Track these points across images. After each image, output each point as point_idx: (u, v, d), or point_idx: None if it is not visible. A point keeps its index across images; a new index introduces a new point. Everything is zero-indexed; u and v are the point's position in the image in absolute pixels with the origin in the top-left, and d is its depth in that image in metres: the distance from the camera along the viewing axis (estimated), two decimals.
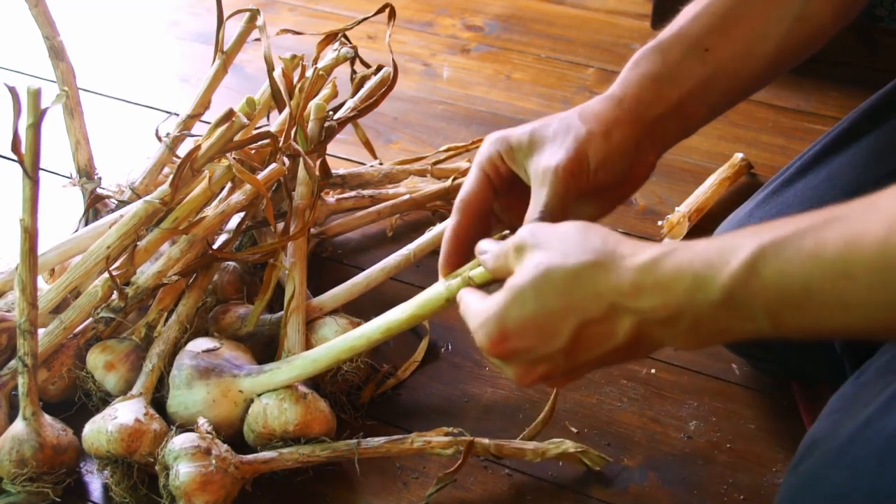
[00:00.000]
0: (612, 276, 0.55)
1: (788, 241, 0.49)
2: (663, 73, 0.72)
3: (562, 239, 0.59)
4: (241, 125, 0.90)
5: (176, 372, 0.88)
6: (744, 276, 0.50)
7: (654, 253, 0.54)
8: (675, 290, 0.53)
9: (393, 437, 0.85)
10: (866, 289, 0.47)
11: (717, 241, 0.52)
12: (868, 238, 0.46)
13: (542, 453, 0.87)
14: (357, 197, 1.15)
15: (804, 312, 0.49)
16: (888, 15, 1.51)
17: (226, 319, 0.95)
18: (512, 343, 0.59)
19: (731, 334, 0.54)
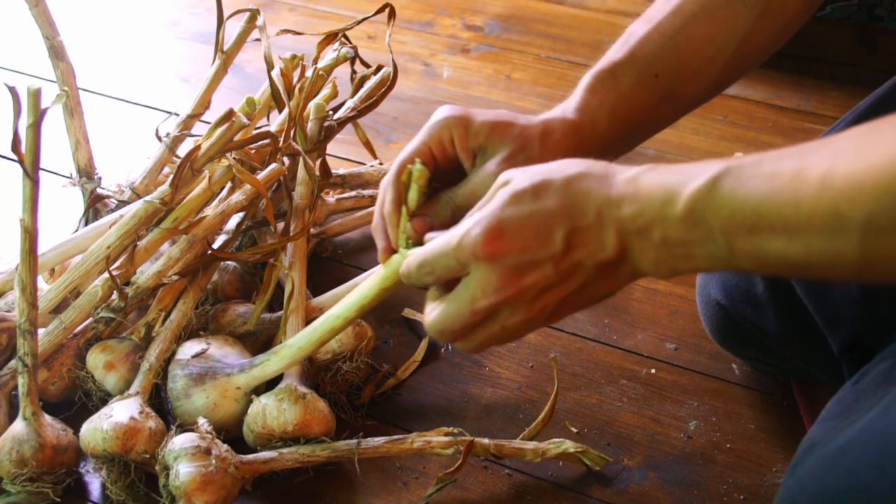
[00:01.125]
0: (603, 185, 0.58)
1: (750, 166, 0.52)
2: (617, 103, 0.73)
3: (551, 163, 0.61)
4: (241, 125, 0.90)
5: (171, 384, 0.88)
6: (704, 192, 0.53)
7: (637, 169, 0.58)
8: (650, 199, 0.56)
9: (393, 437, 0.85)
10: (807, 217, 0.49)
11: (693, 163, 0.55)
12: (813, 169, 0.49)
13: (542, 453, 0.87)
14: (357, 197, 1.15)
15: (753, 236, 0.52)
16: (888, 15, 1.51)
17: (225, 318, 0.95)
18: (507, 240, 0.59)
19: (696, 259, 0.56)
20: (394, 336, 1.03)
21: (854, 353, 0.78)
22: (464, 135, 0.72)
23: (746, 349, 0.96)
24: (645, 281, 1.10)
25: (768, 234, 0.51)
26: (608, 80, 0.74)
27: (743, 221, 0.52)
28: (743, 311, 0.88)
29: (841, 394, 0.67)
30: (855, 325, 0.78)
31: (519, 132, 0.71)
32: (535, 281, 0.60)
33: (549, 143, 0.71)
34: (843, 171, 0.48)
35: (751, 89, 1.48)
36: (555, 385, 0.90)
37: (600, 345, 1.03)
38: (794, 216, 0.50)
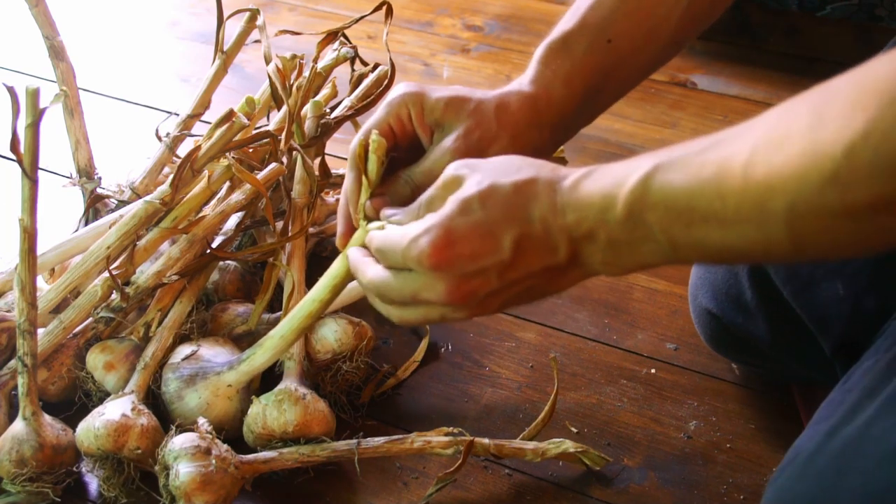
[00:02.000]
0: (549, 192, 0.58)
1: (679, 160, 0.53)
2: (571, 71, 0.73)
3: (500, 163, 0.61)
4: (242, 125, 0.90)
5: (165, 388, 0.88)
6: (639, 192, 0.54)
7: (578, 174, 0.58)
8: (591, 205, 0.57)
9: (393, 437, 0.85)
10: (734, 208, 0.50)
11: (628, 161, 0.56)
12: (735, 160, 0.50)
13: (542, 453, 0.87)
14: None
15: (690, 229, 0.53)
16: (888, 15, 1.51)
17: (224, 317, 0.95)
18: (456, 249, 0.59)
19: (643, 256, 0.57)
20: (393, 336, 1.03)
21: (846, 352, 0.78)
22: (420, 111, 0.72)
23: (741, 355, 0.96)
24: (645, 281, 1.10)
25: (703, 226, 0.52)
26: (561, 51, 0.74)
27: (678, 216, 0.53)
28: (734, 319, 0.88)
29: (830, 397, 0.67)
30: (844, 324, 0.78)
31: (474, 107, 0.71)
32: (479, 287, 0.61)
33: (504, 117, 0.71)
34: (761, 162, 0.48)
35: (751, 89, 1.48)
36: (555, 385, 0.90)
37: (600, 345, 1.03)
38: (723, 208, 0.50)
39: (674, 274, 1.11)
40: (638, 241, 0.56)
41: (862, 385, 0.61)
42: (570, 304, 1.07)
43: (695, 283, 0.93)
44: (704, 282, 0.91)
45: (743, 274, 0.84)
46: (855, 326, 0.76)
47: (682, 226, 0.53)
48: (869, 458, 0.53)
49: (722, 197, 0.50)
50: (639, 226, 0.55)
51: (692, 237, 0.53)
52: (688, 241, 0.54)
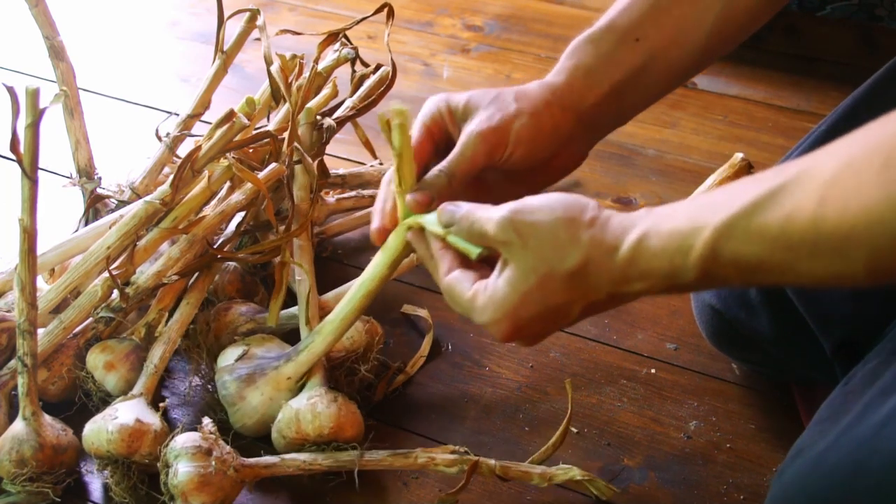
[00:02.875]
0: (605, 272, 0.60)
1: (738, 221, 0.54)
2: (595, 65, 0.75)
3: (548, 237, 0.62)
4: (242, 126, 0.90)
5: (224, 392, 0.88)
6: (709, 260, 0.56)
7: (631, 242, 0.59)
8: (657, 276, 0.59)
9: (396, 451, 0.85)
10: (808, 258, 0.52)
11: (681, 221, 0.57)
12: (802, 212, 0.51)
13: (549, 478, 0.85)
14: (357, 197, 1.15)
15: (764, 276, 0.55)
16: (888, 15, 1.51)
17: (227, 317, 0.95)
18: (524, 332, 0.65)
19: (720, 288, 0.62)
20: (393, 335, 1.03)
21: (846, 353, 0.78)
22: (447, 110, 0.75)
23: (743, 352, 0.96)
24: None
25: (779, 275, 0.55)
26: (586, 46, 0.75)
27: (753, 271, 0.55)
28: (737, 315, 0.88)
29: (831, 397, 0.68)
30: (846, 325, 0.78)
31: (494, 96, 0.74)
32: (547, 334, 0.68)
33: (523, 98, 0.74)
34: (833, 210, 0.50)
35: (751, 89, 1.48)
36: (568, 408, 0.87)
37: (600, 345, 1.03)
38: (797, 260, 0.52)
39: None
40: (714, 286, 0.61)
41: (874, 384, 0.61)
42: None
43: None
44: None
45: None
46: (856, 327, 0.76)
47: (756, 274, 0.55)
48: (885, 457, 0.54)
49: (791, 249, 0.52)
50: (714, 280, 0.57)
51: (766, 280, 0.56)
52: (763, 282, 0.57)
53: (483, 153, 0.72)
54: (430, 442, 0.92)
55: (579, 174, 1.29)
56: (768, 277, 0.55)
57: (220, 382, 0.89)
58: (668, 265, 0.58)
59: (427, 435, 0.92)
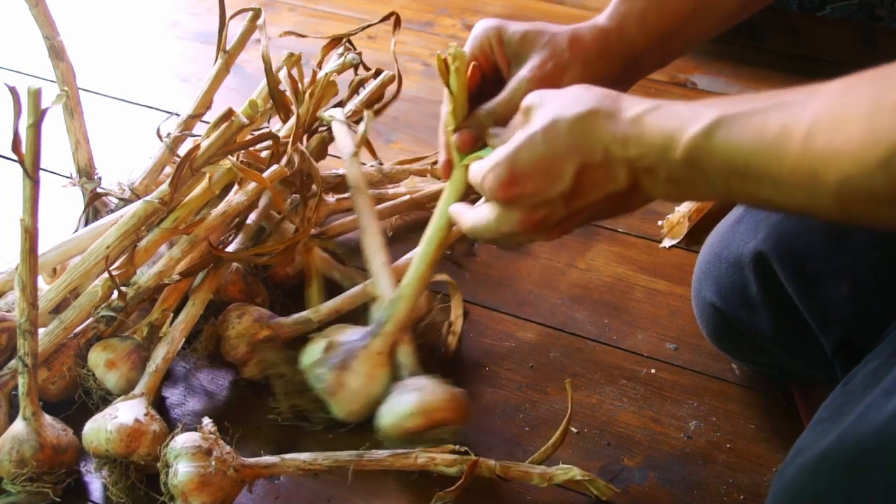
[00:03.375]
0: (610, 125, 0.61)
1: (741, 117, 0.55)
2: (648, 11, 0.77)
3: (567, 94, 0.64)
4: (241, 125, 0.90)
5: (322, 386, 0.88)
6: (700, 140, 0.56)
7: (642, 108, 0.60)
8: (652, 144, 0.59)
9: (396, 451, 0.84)
10: (790, 171, 0.52)
11: (693, 106, 0.58)
12: (797, 127, 0.52)
13: (549, 478, 0.85)
14: None
15: (745, 182, 0.55)
16: (888, 15, 1.51)
17: (241, 325, 0.94)
18: (520, 185, 0.64)
19: (700, 193, 0.60)
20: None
21: (846, 353, 0.78)
22: (500, 43, 0.77)
23: (743, 350, 0.96)
24: (645, 281, 1.10)
25: (758, 182, 0.54)
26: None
27: (735, 169, 0.55)
28: (737, 313, 0.88)
29: (831, 397, 0.68)
30: (846, 324, 0.78)
31: (549, 39, 0.76)
32: (549, 215, 0.66)
33: (577, 48, 0.76)
34: (821, 135, 0.50)
35: (751, 89, 1.48)
36: (568, 409, 0.88)
37: (600, 345, 1.03)
38: (779, 171, 0.53)
39: (674, 274, 1.11)
40: (696, 181, 0.58)
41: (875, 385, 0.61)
42: (570, 304, 1.08)
43: (699, 276, 0.94)
44: (709, 276, 0.91)
45: (748, 268, 0.85)
46: (857, 327, 0.77)
47: (738, 178, 0.55)
48: (887, 456, 0.54)
49: (779, 159, 0.52)
50: (697, 170, 0.57)
51: (746, 189, 0.56)
52: (742, 190, 0.56)
53: None
54: (431, 442, 0.92)
55: None
56: (746, 184, 0.55)
57: (315, 377, 0.89)
58: (662, 137, 0.58)
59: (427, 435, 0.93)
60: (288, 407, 0.91)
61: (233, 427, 0.91)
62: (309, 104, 0.99)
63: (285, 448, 0.90)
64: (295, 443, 0.91)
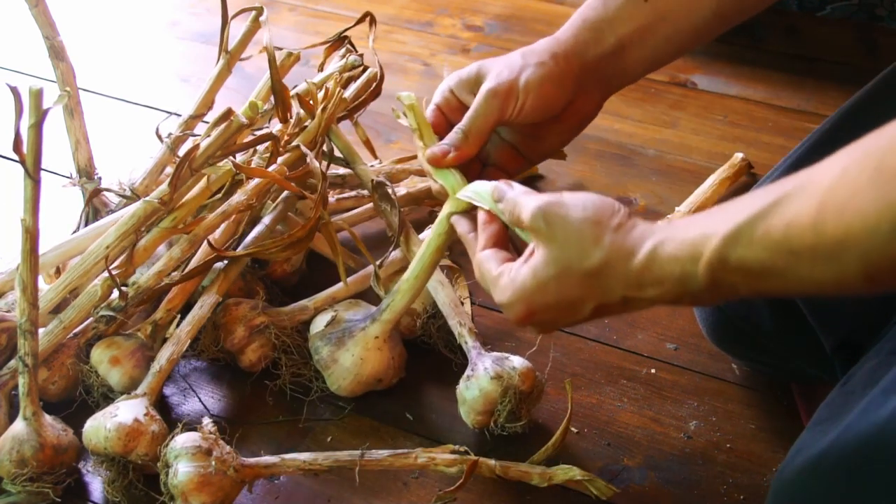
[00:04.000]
0: (621, 275, 0.63)
1: (744, 229, 0.56)
2: (603, 18, 0.79)
3: (574, 235, 0.65)
4: (240, 124, 0.90)
5: (317, 357, 0.92)
6: (717, 266, 0.57)
7: (648, 249, 0.61)
8: (669, 282, 0.61)
9: (397, 451, 0.84)
10: (809, 262, 0.53)
11: (694, 230, 0.59)
12: (803, 218, 0.53)
13: (549, 478, 0.85)
14: (357, 197, 1.15)
15: (770, 282, 0.56)
16: (888, 15, 1.51)
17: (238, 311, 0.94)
18: (536, 318, 0.68)
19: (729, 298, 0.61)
20: None
21: (846, 351, 0.78)
22: (459, 82, 0.82)
23: (743, 349, 0.96)
24: None
25: (782, 281, 0.56)
26: (596, 3, 0.80)
27: (756, 277, 0.57)
28: (738, 311, 0.88)
29: (830, 397, 0.68)
30: (846, 323, 0.78)
31: (502, 59, 0.80)
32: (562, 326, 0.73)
33: (528, 53, 0.79)
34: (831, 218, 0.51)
35: (751, 89, 1.48)
36: (568, 407, 0.88)
37: (600, 345, 1.03)
38: (797, 265, 0.54)
39: None
40: (723, 295, 0.60)
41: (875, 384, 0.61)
42: None
43: None
44: None
45: None
46: (857, 326, 0.77)
47: (762, 281, 0.57)
48: (887, 455, 0.55)
49: (794, 254, 0.53)
50: (722, 288, 0.59)
51: (771, 287, 0.57)
52: (770, 290, 0.58)
53: (496, 108, 0.78)
54: (430, 442, 0.92)
55: (580, 175, 1.30)
56: (773, 284, 0.56)
57: (314, 348, 0.93)
58: (679, 271, 0.60)
59: (427, 435, 0.93)
60: (289, 375, 0.94)
61: (233, 427, 0.92)
62: (321, 118, 0.99)
63: (285, 448, 0.90)
64: (295, 443, 0.91)
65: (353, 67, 1.09)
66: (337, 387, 0.93)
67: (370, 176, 1.03)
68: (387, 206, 1.01)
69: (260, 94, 1.07)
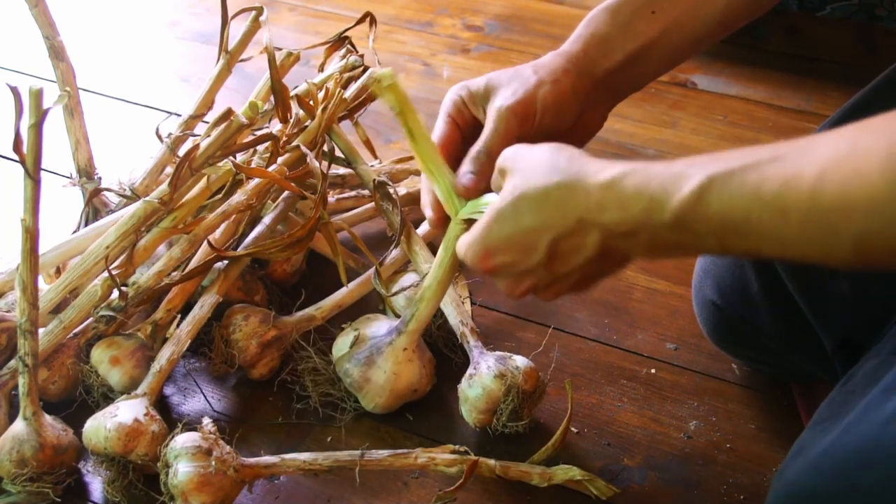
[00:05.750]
0: (580, 194, 0.60)
1: (735, 174, 0.53)
2: (611, 33, 0.78)
3: (535, 162, 0.64)
4: (240, 124, 0.90)
5: (349, 380, 0.91)
6: (692, 203, 0.54)
7: (615, 172, 0.59)
8: (633, 208, 0.58)
9: (397, 451, 0.84)
10: (798, 225, 0.51)
11: (674, 166, 0.57)
12: (802, 180, 0.50)
13: (549, 478, 0.85)
14: (357, 197, 1.15)
15: (745, 239, 0.54)
16: (888, 15, 1.51)
17: (248, 327, 0.94)
18: (496, 259, 0.66)
19: (685, 250, 0.59)
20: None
21: (846, 350, 0.78)
22: (468, 95, 0.79)
23: (743, 349, 0.96)
24: (645, 281, 1.10)
25: (759, 239, 0.53)
26: (604, 16, 0.79)
27: (735, 229, 0.54)
28: (738, 311, 0.88)
29: (830, 396, 0.68)
30: (846, 322, 0.78)
31: (512, 73, 0.78)
32: (532, 283, 0.67)
33: (540, 68, 0.78)
34: (833, 186, 0.49)
35: (751, 89, 1.48)
36: (568, 407, 0.88)
37: (600, 345, 1.03)
38: (785, 225, 0.51)
39: (674, 274, 1.11)
40: (685, 243, 0.57)
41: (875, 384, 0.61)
42: (570, 304, 1.08)
43: (699, 274, 0.94)
44: (709, 273, 0.91)
45: (749, 266, 0.85)
46: (857, 326, 0.77)
47: (737, 236, 0.54)
48: (888, 454, 0.54)
49: (784, 215, 0.51)
50: (687, 232, 0.56)
51: (744, 246, 0.55)
52: (740, 247, 0.55)
53: (515, 125, 0.75)
54: (430, 442, 0.92)
55: None
56: (748, 242, 0.54)
57: (343, 371, 0.91)
58: (647, 198, 0.57)
59: (427, 435, 0.93)
60: (318, 396, 0.93)
61: (233, 427, 0.92)
62: (322, 118, 0.99)
63: (285, 448, 0.90)
64: (295, 443, 0.91)
65: (353, 68, 1.09)
66: (374, 405, 0.91)
67: (372, 176, 1.03)
68: (388, 205, 1.01)
69: (260, 94, 1.07)
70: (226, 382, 0.98)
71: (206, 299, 0.94)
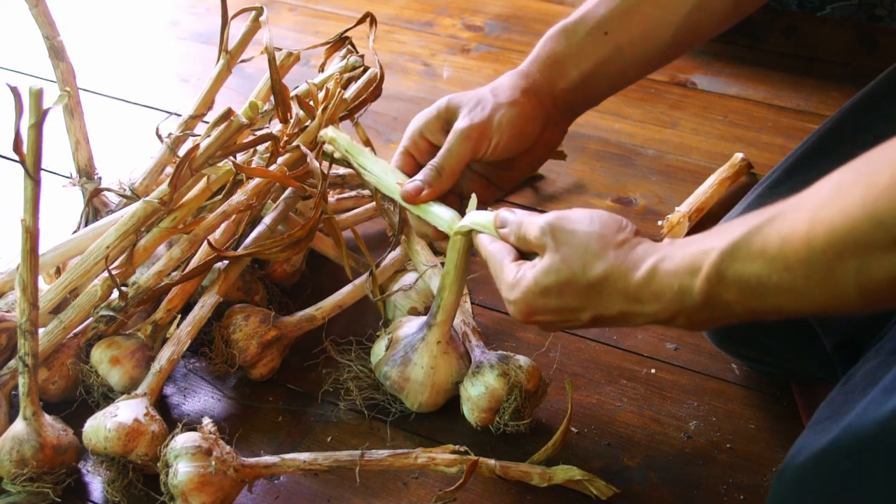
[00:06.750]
0: (621, 289, 0.65)
1: (741, 243, 0.57)
2: (566, 54, 0.82)
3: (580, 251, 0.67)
4: (240, 124, 0.90)
5: (388, 382, 0.91)
6: (714, 281, 0.59)
7: (648, 265, 0.63)
8: (666, 298, 0.62)
9: (397, 451, 0.84)
10: (803, 277, 0.54)
11: (694, 247, 0.61)
12: (796, 233, 0.54)
13: (549, 478, 0.85)
14: (357, 197, 1.15)
15: (764, 300, 0.57)
16: (888, 15, 1.51)
17: (248, 327, 0.94)
18: (538, 318, 0.71)
19: (722, 320, 0.63)
20: None
21: (846, 351, 0.78)
22: (426, 122, 0.84)
23: (743, 348, 0.96)
24: None
25: (776, 296, 0.56)
26: (559, 37, 0.82)
27: (752, 293, 0.57)
28: None
29: (830, 396, 0.68)
30: (846, 323, 0.78)
31: (471, 95, 0.82)
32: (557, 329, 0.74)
33: (496, 88, 0.82)
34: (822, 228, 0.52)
35: (751, 89, 1.48)
36: (568, 407, 0.88)
37: (600, 345, 1.03)
38: (791, 280, 0.55)
39: None
40: (717, 315, 0.61)
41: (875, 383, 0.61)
42: None
43: None
44: None
45: None
46: (857, 326, 0.77)
47: (757, 298, 0.57)
48: (888, 454, 0.55)
49: (789, 269, 0.54)
50: (717, 306, 0.60)
51: (767, 306, 0.58)
52: (764, 308, 0.58)
53: (468, 149, 0.80)
54: (430, 442, 0.92)
55: (580, 175, 1.29)
56: (769, 301, 0.57)
57: (382, 376, 0.92)
58: (677, 286, 0.61)
59: (427, 435, 0.93)
60: (363, 400, 0.93)
61: (233, 427, 0.92)
62: (322, 118, 0.99)
63: (285, 448, 0.90)
64: (295, 443, 0.91)
65: (353, 68, 1.09)
66: (418, 404, 0.91)
67: None
68: (389, 205, 1.01)
69: (260, 94, 1.07)
70: (226, 382, 0.98)
71: (206, 299, 0.94)
